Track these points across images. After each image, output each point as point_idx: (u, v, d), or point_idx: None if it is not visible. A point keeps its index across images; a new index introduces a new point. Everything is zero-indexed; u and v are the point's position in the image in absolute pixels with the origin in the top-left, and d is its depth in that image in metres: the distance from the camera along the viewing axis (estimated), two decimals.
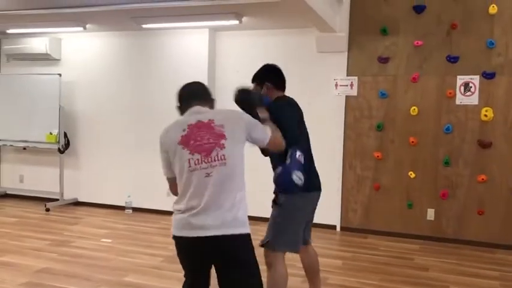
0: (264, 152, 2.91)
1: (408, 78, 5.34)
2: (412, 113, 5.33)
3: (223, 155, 2.19)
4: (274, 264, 2.84)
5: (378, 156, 5.47)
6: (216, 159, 2.18)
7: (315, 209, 3.11)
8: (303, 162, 2.69)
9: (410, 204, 5.36)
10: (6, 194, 7.16)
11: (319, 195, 3.07)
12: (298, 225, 2.90)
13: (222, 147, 2.20)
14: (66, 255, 4.41)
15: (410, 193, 5.37)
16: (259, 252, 2.56)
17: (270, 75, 3.09)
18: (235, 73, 6.02)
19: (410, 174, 5.35)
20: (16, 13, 5.46)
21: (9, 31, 6.48)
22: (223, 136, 2.22)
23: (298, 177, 2.64)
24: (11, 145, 6.87)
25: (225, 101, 6.66)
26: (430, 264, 4.46)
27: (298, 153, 2.68)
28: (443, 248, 4.98)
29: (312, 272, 3.25)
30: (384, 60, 5.41)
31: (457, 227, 5.21)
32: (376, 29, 5.42)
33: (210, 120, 2.27)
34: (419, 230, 5.31)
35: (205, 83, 6.58)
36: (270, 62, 6.09)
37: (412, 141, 5.33)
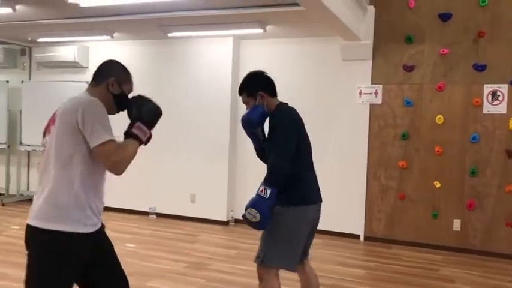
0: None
1: (434, 86, 5.28)
2: (437, 121, 5.26)
3: None
4: (266, 278, 2.63)
5: (402, 166, 5.41)
6: None
7: (315, 222, 2.82)
8: (266, 197, 2.52)
9: (435, 214, 5.28)
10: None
11: (317, 208, 2.80)
12: (293, 239, 2.63)
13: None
14: None
15: (436, 203, 5.29)
16: None
17: (261, 83, 2.84)
18: None
19: (436, 183, 5.27)
20: (46, 22, 5.64)
21: (40, 40, 6.67)
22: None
23: (251, 214, 2.53)
24: (40, 150, 7.02)
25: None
26: (456, 276, 4.37)
27: (261, 188, 2.55)
28: (470, 260, 4.88)
29: None
30: (409, 68, 5.37)
31: (484, 238, 5.10)
32: (401, 37, 5.38)
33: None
34: (445, 241, 5.22)
35: (229, 91, 6.66)
36: (295, 70, 6.12)
37: (438, 151, 5.25)
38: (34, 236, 2.01)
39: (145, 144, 2.21)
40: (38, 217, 1.98)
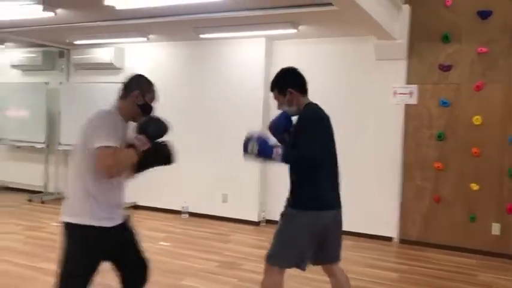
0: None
1: (471, 86, 5.14)
2: (475, 122, 5.11)
3: None
4: (269, 273, 2.68)
5: (438, 167, 5.29)
6: None
7: (335, 227, 2.78)
8: (272, 156, 2.58)
9: (473, 218, 5.13)
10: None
11: (335, 214, 2.76)
12: (302, 242, 2.63)
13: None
14: None
15: (473, 206, 5.15)
16: None
17: (292, 80, 2.81)
18: None
19: (473, 186, 5.13)
20: (84, 25, 5.79)
21: (77, 42, 6.86)
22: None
23: (252, 147, 2.59)
24: None
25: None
26: (494, 281, 4.24)
27: (278, 150, 2.59)
28: (508, 265, 4.73)
29: None
30: (445, 68, 5.24)
31: None
32: (437, 36, 5.26)
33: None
34: (483, 245, 5.07)
35: (262, 92, 6.66)
36: (328, 70, 6.08)
37: (475, 152, 5.11)
38: (64, 229, 2.39)
39: (145, 154, 2.47)
40: (64, 213, 2.38)
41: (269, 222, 6.19)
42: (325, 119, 2.72)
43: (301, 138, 2.60)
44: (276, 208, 6.15)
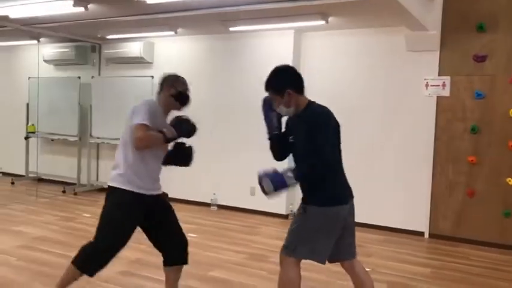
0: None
1: (508, 77, 4.98)
2: (511, 114, 4.96)
3: None
4: (286, 266, 2.66)
5: (472, 161, 5.15)
6: None
7: (351, 220, 2.75)
8: (287, 184, 2.54)
9: (507, 213, 4.99)
10: (103, 188, 7.70)
11: (349, 208, 2.71)
12: (321, 236, 2.62)
13: None
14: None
15: (508, 201, 5.00)
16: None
17: (290, 80, 2.70)
18: (320, 75, 6.00)
19: (509, 180, 4.98)
20: (115, 20, 5.88)
21: (109, 37, 6.98)
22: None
23: (267, 184, 2.55)
24: (108, 143, 7.39)
25: None
26: None
27: (289, 174, 2.55)
28: None
29: None
30: (480, 58, 5.09)
31: None
32: (472, 26, 5.11)
33: None
34: None
35: None
36: (358, 62, 5.99)
37: (511, 146, 4.95)
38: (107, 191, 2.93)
39: (168, 141, 2.87)
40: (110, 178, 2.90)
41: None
42: (330, 116, 2.64)
43: (313, 143, 2.53)
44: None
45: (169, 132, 2.80)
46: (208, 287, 3.69)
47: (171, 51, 7.03)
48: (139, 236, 5.19)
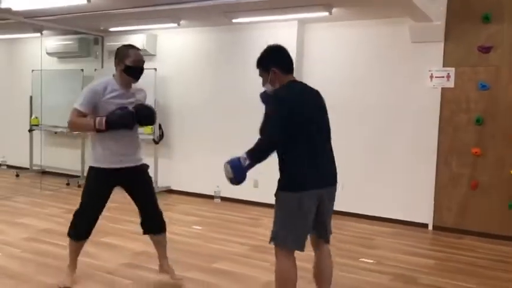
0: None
1: None
2: None
3: None
4: (278, 258, 2.67)
5: (476, 153, 5.13)
6: None
7: (323, 207, 2.71)
8: (244, 165, 2.59)
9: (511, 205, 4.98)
10: None
11: (321, 193, 2.66)
12: (288, 221, 2.62)
13: None
14: None
15: None
16: None
17: (275, 59, 2.77)
18: (323, 66, 5.98)
19: None
20: (118, 12, 5.86)
21: (111, 29, 6.96)
22: None
23: (227, 171, 2.65)
24: None
25: None
26: None
27: (244, 156, 2.61)
28: None
29: (319, 277, 2.90)
30: (485, 49, 5.05)
31: None
32: (477, 16, 5.07)
33: None
34: None
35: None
36: (361, 54, 5.97)
37: None
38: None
39: (98, 131, 3.13)
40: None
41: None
42: (288, 98, 2.60)
43: (263, 120, 2.59)
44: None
45: (100, 122, 3.07)
46: (211, 278, 3.70)
47: (174, 44, 7.01)
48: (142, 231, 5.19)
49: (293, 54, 6.20)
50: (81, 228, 3.36)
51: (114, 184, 3.32)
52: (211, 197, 6.64)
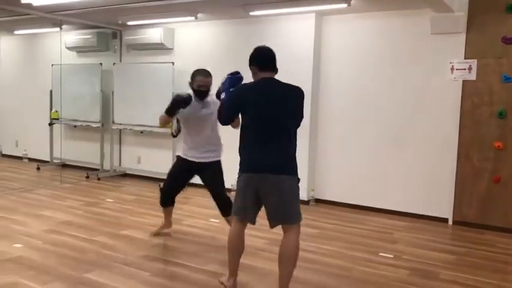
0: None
1: None
2: None
3: None
4: (231, 222, 3.34)
5: (498, 146, 5.02)
6: None
7: (268, 189, 3.00)
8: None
9: None
10: (126, 173, 7.80)
11: (262, 177, 2.98)
12: (241, 198, 3.11)
13: None
14: (178, 233, 4.70)
15: None
16: None
17: (253, 58, 3.26)
18: (342, 58, 5.91)
19: None
20: (135, 5, 5.88)
21: (129, 23, 6.99)
22: None
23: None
24: (130, 129, 7.45)
25: (330, 88, 6.60)
26: None
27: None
28: None
29: (280, 258, 3.11)
30: (509, 40, 4.93)
31: None
32: (501, 6, 4.95)
33: None
34: None
35: (310, 69, 6.54)
36: (380, 45, 5.88)
37: None
38: None
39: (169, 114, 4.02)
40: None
41: (318, 201, 6.15)
42: (242, 93, 3.13)
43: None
44: (325, 187, 6.13)
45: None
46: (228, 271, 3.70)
47: (191, 37, 7.01)
48: (160, 224, 5.23)
49: (311, 46, 6.23)
50: (163, 200, 4.40)
51: (190, 172, 4.29)
52: (228, 191, 6.62)
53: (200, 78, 4.06)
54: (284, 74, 6.68)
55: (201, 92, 4.07)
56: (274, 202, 3.04)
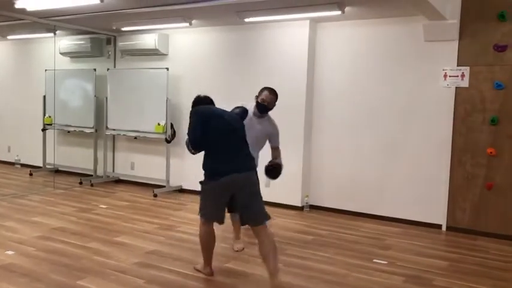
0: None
1: None
2: None
3: None
4: (200, 224, 3.65)
5: (491, 153, 5.06)
6: None
7: (235, 191, 3.48)
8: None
9: None
10: (120, 179, 7.77)
11: (231, 178, 3.42)
12: (211, 203, 3.56)
13: None
14: (172, 239, 4.68)
15: None
16: None
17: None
18: (335, 65, 5.94)
19: None
20: (130, 11, 5.88)
21: (124, 29, 6.99)
22: None
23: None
24: (124, 134, 7.43)
25: (324, 95, 6.62)
26: None
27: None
28: None
29: (262, 256, 3.46)
30: (501, 48, 4.98)
31: None
32: (493, 15, 5.00)
33: None
34: None
35: (305, 75, 6.56)
36: (374, 53, 5.88)
37: None
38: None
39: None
40: None
41: (312, 207, 6.15)
42: (203, 112, 3.59)
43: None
44: (320, 193, 6.13)
45: None
46: (224, 278, 3.70)
47: (185, 43, 7.02)
48: (156, 229, 5.22)
49: (305, 53, 6.26)
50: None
51: None
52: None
53: (266, 93, 4.20)
54: (278, 81, 6.71)
55: (262, 106, 4.18)
56: (247, 201, 3.58)
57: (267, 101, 4.19)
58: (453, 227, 5.29)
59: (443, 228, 5.35)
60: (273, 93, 4.24)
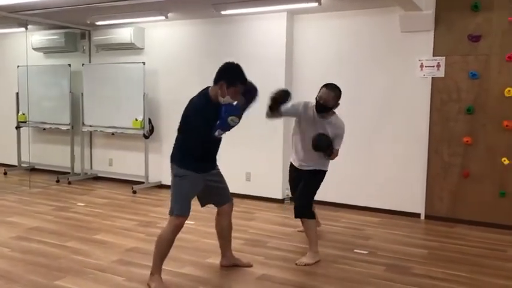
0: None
1: (502, 57, 4.94)
2: (506, 94, 4.94)
3: None
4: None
5: (467, 142, 5.14)
6: None
7: (208, 183, 3.73)
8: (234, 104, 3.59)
9: (503, 193, 5.00)
10: (98, 176, 7.65)
11: (201, 176, 3.62)
12: (184, 193, 3.57)
13: None
14: (152, 236, 4.60)
15: (504, 181, 5.01)
16: None
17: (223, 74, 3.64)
18: (313, 57, 5.94)
19: (504, 160, 4.98)
20: (104, 5, 5.76)
21: (98, 23, 6.85)
22: None
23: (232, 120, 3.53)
24: (101, 131, 7.31)
25: (302, 87, 6.61)
26: None
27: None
28: None
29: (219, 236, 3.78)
30: (475, 38, 5.04)
31: None
32: (467, 5, 5.05)
33: None
34: None
35: (283, 67, 6.54)
36: (352, 44, 5.92)
37: (507, 125, 4.94)
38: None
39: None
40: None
41: (293, 199, 6.16)
42: (198, 109, 3.64)
43: None
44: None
45: None
46: (205, 273, 3.68)
47: (162, 37, 6.92)
48: (136, 226, 5.16)
49: (283, 45, 6.25)
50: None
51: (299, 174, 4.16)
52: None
53: (323, 90, 3.89)
54: (257, 73, 6.67)
55: (318, 104, 3.87)
56: (212, 191, 3.91)
57: (323, 97, 3.85)
58: (432, 215, 5.37)
59: (422, 217, 5.42)
60: (332, 89, 3.88)
